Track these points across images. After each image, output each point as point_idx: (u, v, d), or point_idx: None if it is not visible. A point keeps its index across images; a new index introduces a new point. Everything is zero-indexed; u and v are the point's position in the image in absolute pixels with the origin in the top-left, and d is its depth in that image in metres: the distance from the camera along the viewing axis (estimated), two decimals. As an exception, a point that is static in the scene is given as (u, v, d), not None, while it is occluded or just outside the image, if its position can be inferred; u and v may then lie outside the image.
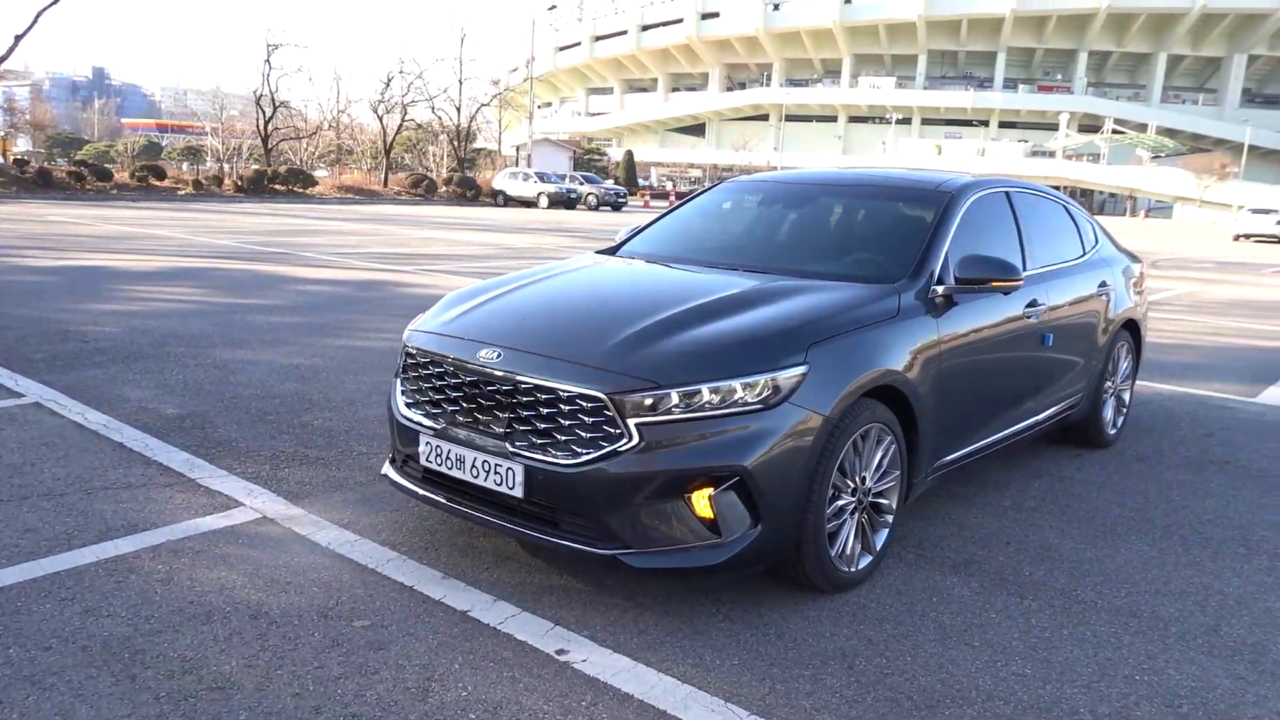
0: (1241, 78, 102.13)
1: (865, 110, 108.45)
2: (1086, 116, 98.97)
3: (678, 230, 5.01)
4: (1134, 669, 3.11)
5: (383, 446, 5.11)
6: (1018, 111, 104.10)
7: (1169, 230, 55.99)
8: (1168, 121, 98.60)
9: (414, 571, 3.61)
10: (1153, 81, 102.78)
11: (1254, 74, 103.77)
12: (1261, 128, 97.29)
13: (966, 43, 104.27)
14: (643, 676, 2.93)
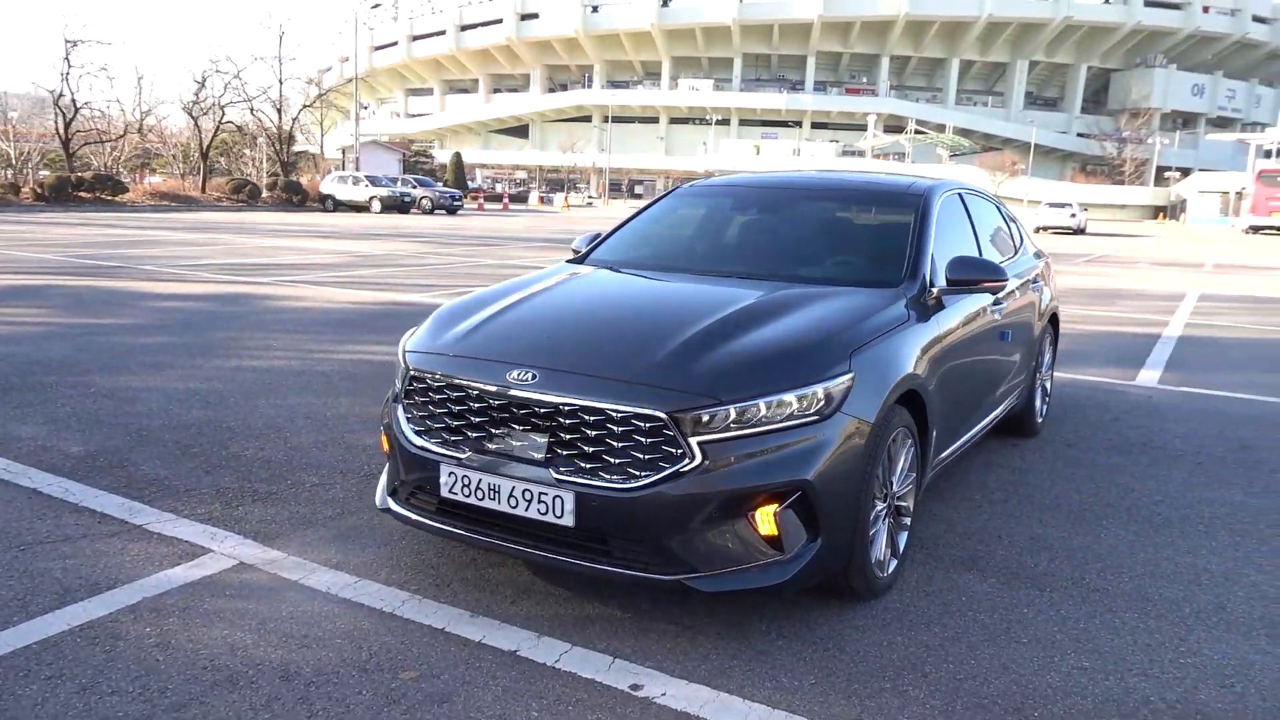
0: (1024, 82, 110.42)
1: (685, 111, 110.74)
2: (891, 117, 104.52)
3: (651, 238, 4.89)
4: (1175, 652, 3.24)
5: (335, 476, 4.76)
6: (828, 113, 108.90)
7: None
8: (963, 122, 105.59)
9: (437, 612, 3.35)
10: (948, 85, 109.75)
11: (1035, 78, 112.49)
12: (1043, 128, 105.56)
13: (779, 47, 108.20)
14: (732, 706, 2.81)
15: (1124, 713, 2.85)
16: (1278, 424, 6.63)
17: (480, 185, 78.08)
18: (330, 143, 65.71)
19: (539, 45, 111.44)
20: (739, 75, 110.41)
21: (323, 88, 56.61)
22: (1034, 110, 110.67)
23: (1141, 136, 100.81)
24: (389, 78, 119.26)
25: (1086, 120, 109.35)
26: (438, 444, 3.39)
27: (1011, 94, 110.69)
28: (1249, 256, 30.88)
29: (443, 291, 12.76)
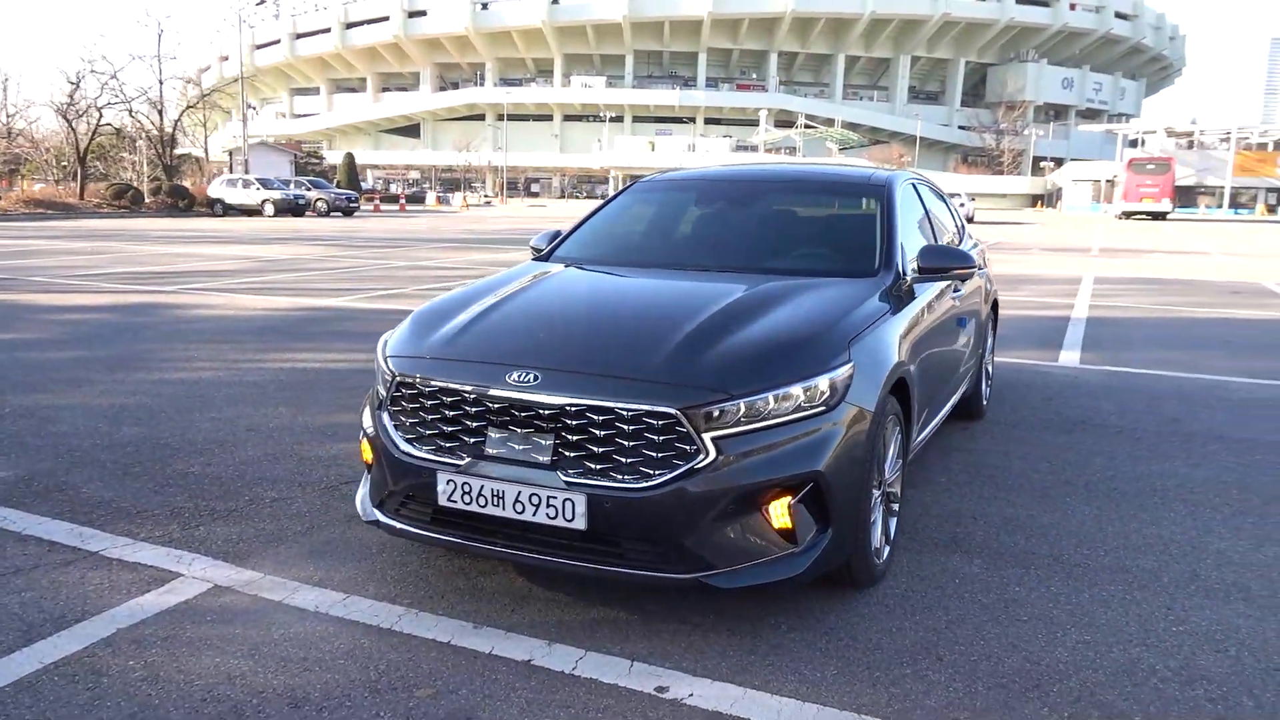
0: (907, 76, 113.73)
1: (579, 109, 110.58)
2: (782, 113, 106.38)
3: (617, 234, 4.82)
4: (1166, 621, 3.34)
5: (294, 490, 4.56)
6: (721, 109, 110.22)
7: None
8: (850, 116, 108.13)
9: (438, 625, 3.23)
10: (834, 80, 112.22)
11: (917, 73, 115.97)
12: (927, 121, 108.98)
13: (670, 43, 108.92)
14: (762, 702, 2.79)
15: (1135, 682, 2.92)
16: (1198, 399, 6.95)
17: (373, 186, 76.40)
18: (214, 145, 63.30)
19: (428, 43, 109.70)
20: (631, 72, 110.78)
21: (203, 88, 54.44)
22: (917, 104, 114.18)
23: (1018, 128, 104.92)
24: (273, 77, 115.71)
25: (967, 113, 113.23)
26: (431, 451, 3.26)
27: (896, 88, 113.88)
28: (1128, 240, 32.45)
29: (361, 295, 12.41)
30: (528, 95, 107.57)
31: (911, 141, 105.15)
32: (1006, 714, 2.74)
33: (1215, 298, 14.15)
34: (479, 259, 19.16)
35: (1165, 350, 9.12)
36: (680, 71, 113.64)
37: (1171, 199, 56.94)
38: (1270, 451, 5.51)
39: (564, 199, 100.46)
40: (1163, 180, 55.94)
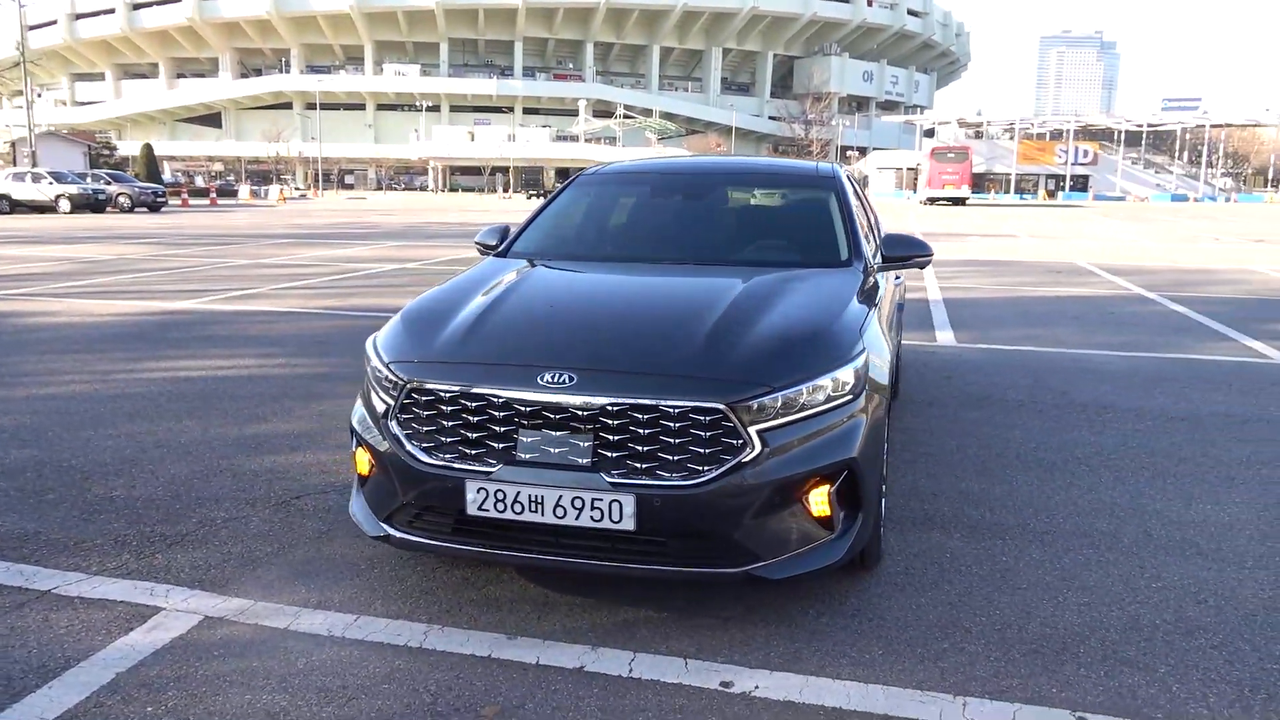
0: (719, 68, 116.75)
1: (394, 98, 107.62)
2: (600, 103, 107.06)
3: (578, 228, 4.74)
4: (1146, 578, 3.62)
5: (243, 508, 4.27)
6: (539, 98, 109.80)
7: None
8: (667, 106, 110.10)
9: (469, 639, 3.11)
10: (650, 70, 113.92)
11: (729, 65, 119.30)
12: (740, 112, 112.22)
13: (485, 32, 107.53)
14: (827, 688, 2.84)
15: (1144, 637, 3.15)
16: (1073, 372, 7.51)
17: (175, 179, 71.70)
18: (-11, 135, 57.61)
19: (226, 27, 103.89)
20: (446, 61, 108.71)
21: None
22: (730, 95, 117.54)
23: (824, 119, 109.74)
24: (50, 61, 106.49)
25: (777, 104, 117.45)
26: (455, 459, 3.13)
27: (709, 80, 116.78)
28: (941, 225, 34.56)
29: (212, 296, 11.66)
30: (338, 84, 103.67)
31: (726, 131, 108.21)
32: (1050, 678, 2.90)
33: (1042, 277, 15.30)
34: (325, 255, 18.36)
35: (1025, 328, 9.79)
36: (497, 61, 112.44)
37: (970, 185, 61.11)
38: (1155, 418, 6.03)
39: (382, 191, 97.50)
40: (962, 168, 59.95)
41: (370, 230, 27.22)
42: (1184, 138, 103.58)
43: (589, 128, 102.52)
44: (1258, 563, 3.77)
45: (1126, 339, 9.11)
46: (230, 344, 8.34)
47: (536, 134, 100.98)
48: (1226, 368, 7.70)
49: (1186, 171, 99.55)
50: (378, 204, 58.55)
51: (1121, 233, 29.83)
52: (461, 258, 17.54)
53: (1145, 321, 10.29)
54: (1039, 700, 2.78)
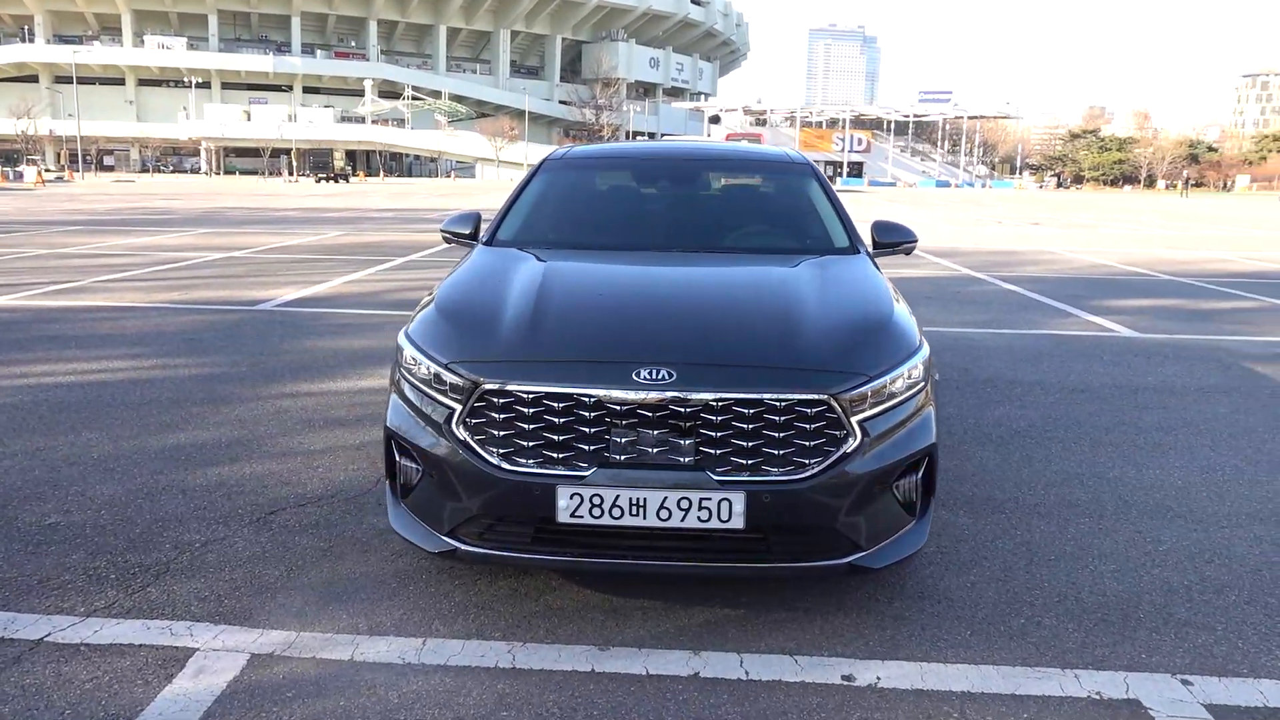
0: (508, 51, 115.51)
1: (158, 73, 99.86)
2: (386, 83, 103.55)
3: (569, 216, 4.54)
4: (1149, 543, 3.87)
5: (217, 528, 3.85)
6: (320, 77, 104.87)
7: (479, 189, 61.75)
8: (456, 89, 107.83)
9: (562, 654, 2.93)
10: (437, 51, 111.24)
11: (518, 47, 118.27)
12: (532, 96, 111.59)
13: (259, 5, 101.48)
14: (945, 673, 2.86)
15: (1186, 599, 3.37)
16: (962, 348, 7.95)
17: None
18: None
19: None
20: (216, 34, 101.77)
21: None
22: (520, 78, 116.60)
23: (614, 104, 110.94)
24: None
25: (567, 88, 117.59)
26: (539, 464, 2.92)
27: (498, 62, 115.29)
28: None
29: (30, 292, 10.39)
30: (93, 56, 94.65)
31: (515, 115, 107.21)
32: (1132, 644, 3.05)
33: (872, 259, 16.09)
34: (133, 244, 16.73)
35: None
36: (272, 36, 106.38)
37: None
38: (1058, 391, 6.48)
39: (149, 174, 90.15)
40: (754, 154, 62.07)
41: (165, 217, 25.10)
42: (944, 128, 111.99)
43: (376, 109, 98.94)
44: (1232, 522, 4.12)
45: (986, 317, 9.74)
46: (85, 345, 7.46)
47: (320, 114, 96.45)
48: (1088, 342, 8.39)
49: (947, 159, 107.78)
50: (151, 188, 54.10)
51: (915, 217, 31.85)
52: (291, 244, 16.50)
53: (992, 300, 11.04)
54: (1139, 667, 2.92)
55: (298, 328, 8.28)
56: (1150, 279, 13.72)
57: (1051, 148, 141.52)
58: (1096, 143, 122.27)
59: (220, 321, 8.56)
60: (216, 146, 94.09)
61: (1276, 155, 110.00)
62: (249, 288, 10.83)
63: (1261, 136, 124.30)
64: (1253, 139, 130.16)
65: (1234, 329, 9.26)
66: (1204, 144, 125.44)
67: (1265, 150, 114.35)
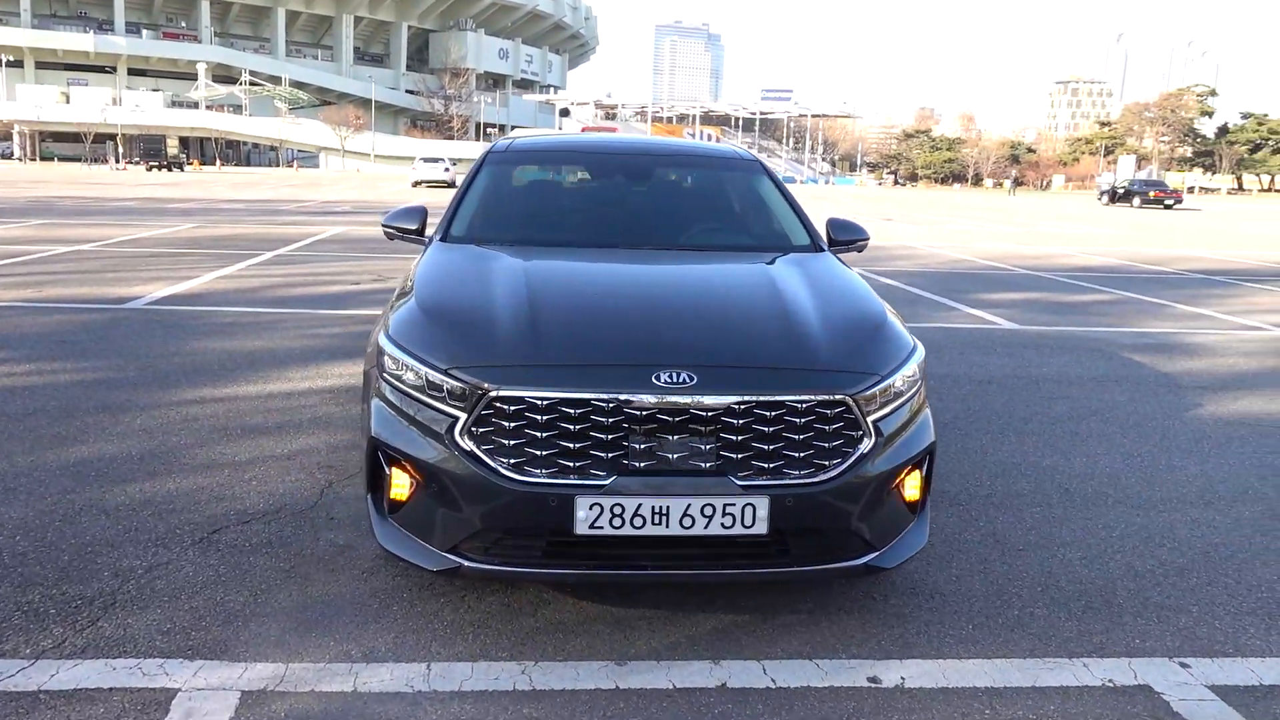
0: (351, 37, 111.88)
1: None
2: (221, 67, 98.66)
3: (522, 212, 4.35)
4: (1104, 530, 4.03)
5: (158, 551, 3.52)
6: (148, 59, 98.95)
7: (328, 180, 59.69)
8: (297, 75, 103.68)
9: (580, 671, 2.80)
10: (276, 35, 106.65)
11: (361, 34, 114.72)
12: (379, 84, 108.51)
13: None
14: (964, 669, 2.89)
15: (1157, 583, 3.52)
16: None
17: None
18: None
19: None
20: (29, 9, 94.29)
21: None
22: (364, 66, 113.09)
23: (464, 95, 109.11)
24: None
25: (414, 77, 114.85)
26: (554, 473, 2.78)
27: (341, 49, 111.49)
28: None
29: None
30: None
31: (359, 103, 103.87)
32: (1122, 630, 3.16)
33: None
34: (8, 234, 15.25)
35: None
36: (93, 13, 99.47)
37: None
38: (968, 383, 6.71)
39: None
40: (609, 148, 62.27)
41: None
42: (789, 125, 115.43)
43: (211, 94, 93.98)
44: (1167, 506, 4.34)
45: (876, 311, 10.01)
46: (-65, 349, 6.72)
47: (148, 99, 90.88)
48: (978, 335, 8.74)
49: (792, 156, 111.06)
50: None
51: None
52: (143, 236, 15.37)
53: (875, 294, 11.36)
54: (1137, 652, 3.02)
55: (180, 328, 7.72)
56: (1010, 273, 14.47)
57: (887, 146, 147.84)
58: (929, 142, 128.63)
59: (91, 321, 7.88)
60: (31, 130, 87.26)
61: (1088, 156, 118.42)
62: (110, 284, 10.04)
63: (1074, 139, 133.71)
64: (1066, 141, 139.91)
65: (1101, 320, 9.86)
66: (1024, 145, 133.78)
67: (1078, 152, 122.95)
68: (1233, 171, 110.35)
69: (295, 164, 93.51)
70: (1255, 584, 3.55)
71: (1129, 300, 11.51)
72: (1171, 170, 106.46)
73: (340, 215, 23.40)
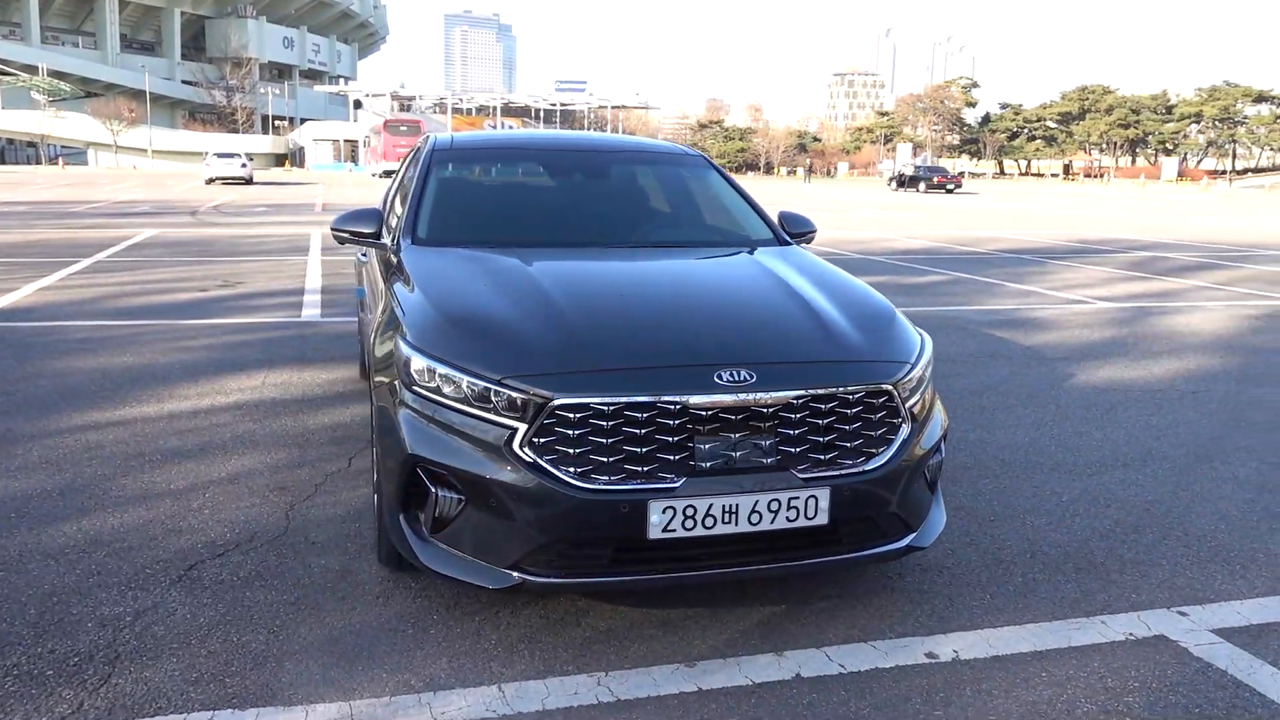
0: (116, 22, 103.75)
1: None
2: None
3: (489, 211, 4.19)
4: (1056, 495, 4.33)
5: (131, 593, 3.21)
6: None
7: (102, 177, 55.40)
8: (56, 64, 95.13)
9: (656, 678, 2.78)
10: (28, 19, 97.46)
11: (127, 20, 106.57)
12: (153, 75, 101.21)
13: None
14: (1005, 637, 3.05)
15: (1124, 541, 3.83)
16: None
17: None
18: None
19: None
20: None
21: None
22: (134, 54, 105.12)
23: (247, 86, 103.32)
24: None
25: (191, 67, 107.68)
26: (622, 479, 2.73)
27: (105, 35, 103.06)
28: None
29: None
30: None
31: (130, 94, 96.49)
32: (1116, 587, 3.42)
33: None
34: None
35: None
36: None
37: (423, 158, 62.10)
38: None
39: None
40: (415, 141, 60.40)
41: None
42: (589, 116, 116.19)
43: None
44: (1094, 470, 4.72)
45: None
46: None
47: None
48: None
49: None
50: None
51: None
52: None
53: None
54: (1139, 606, 3.29)
55: (29, 347, 6.97)
56: (847, 257, 15.21)
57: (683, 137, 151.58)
58: (722, 133, 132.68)
59: (-84, 344, 6.99)
60: None
61: (869, 145, 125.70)
62: (-86, 301, 8.93)
63: (856, 129, 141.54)
64: (848, 130, 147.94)
65: (949, 300, 10.53)
66: (810, 135, 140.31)
67: (860, 141, 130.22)
68: (995, 157, 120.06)
69: (61, 161, 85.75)
70: (1200, 535, 3.93)
71: (964, 280, 12.36)
72: (943, 157, 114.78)
73: (144, 216, 21.71)
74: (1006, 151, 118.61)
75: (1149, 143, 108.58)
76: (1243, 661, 2.92)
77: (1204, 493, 4.41)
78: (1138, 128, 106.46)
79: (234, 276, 11.18)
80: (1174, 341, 8.23)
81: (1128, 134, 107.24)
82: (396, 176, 5.59)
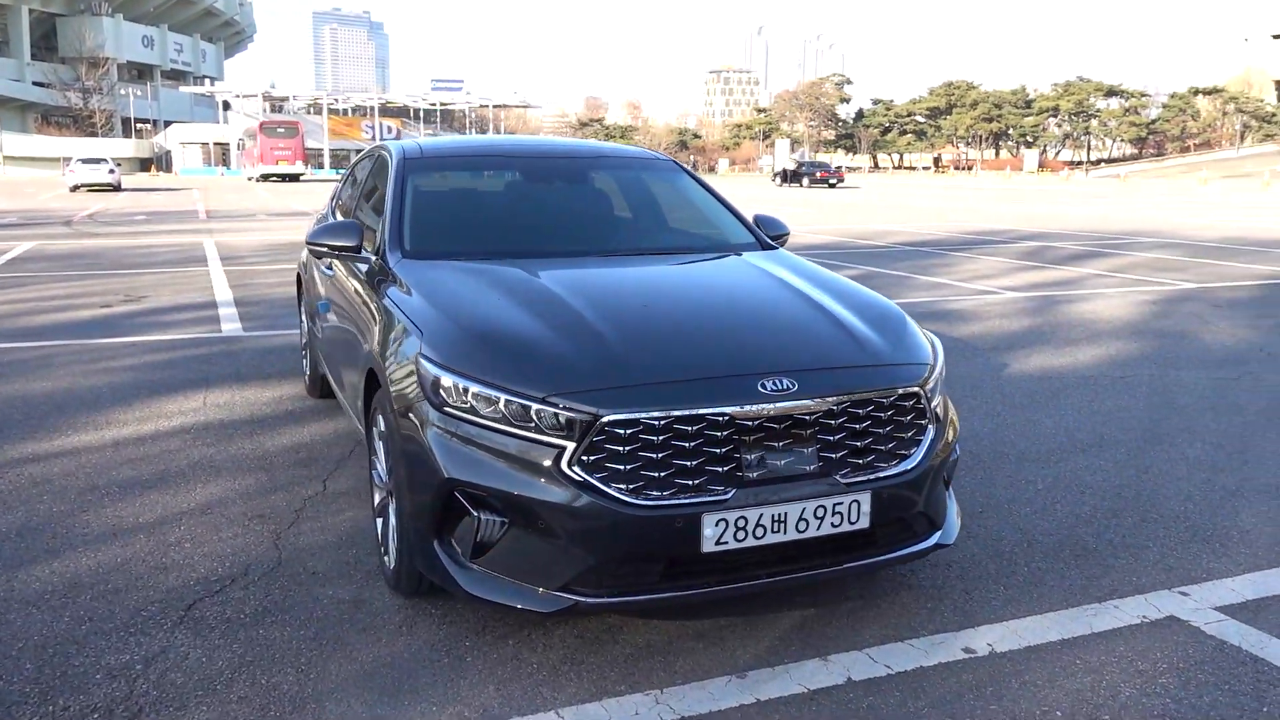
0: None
1: None
2: None
3: (473, 222, 4.08)
4: (1026, 484, 4.49)
5: (134, 637, 3.02)
6: None
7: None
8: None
9: (710, 691, 2.76)
10: None
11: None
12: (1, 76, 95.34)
13: None
14: (1032, 628, 3.13)
15: (1109, 526, 3.99)
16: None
17: None
18: None
19: None
20: None
21: None
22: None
23: (105, 87, 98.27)
24: None
25: (43, 67, 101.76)
26: (673, 494, 2.70)
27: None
28: (281, 203, 33.76)
29: None
30: None
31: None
32: (1117, 572, 3.56)
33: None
34: None
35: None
36: None
37: (304, 161, 60.28)
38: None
39: None
40: (294, 144, 58.78)
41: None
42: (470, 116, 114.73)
43: None
44: (1059, 457, 4.91)
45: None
46: None
47: None
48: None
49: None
50: None
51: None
52: None
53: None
54: (1143, 589, 3.43)
55: (-70, 374, 6.47)
56: (754, 254, 15.39)
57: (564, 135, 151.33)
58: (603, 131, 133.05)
59: None
60: None
61: (748, 141, 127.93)
62: None
63: (735, 125, 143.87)
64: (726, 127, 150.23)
65: (867, 294, 10.77)
66: (690, 132, 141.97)
67: (739, 137, 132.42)
68: (869, 151, 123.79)
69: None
70: (1174, 516, 4.12)
71: (875, 274, 12.69)
72: (820, 152, 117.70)
73: (14, 228, 20.39)
74: (880, 146, 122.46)
75: (1011, 135, 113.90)
76: (1252, 637, 3.08)
77: (1164, 474, 4.64)
78: (1000, 121, 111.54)
79: (135, 290, 10.61)
80: (1088, 329, 8.64)
81: (991, 127, 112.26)
82: (345, 187, 5.40)
